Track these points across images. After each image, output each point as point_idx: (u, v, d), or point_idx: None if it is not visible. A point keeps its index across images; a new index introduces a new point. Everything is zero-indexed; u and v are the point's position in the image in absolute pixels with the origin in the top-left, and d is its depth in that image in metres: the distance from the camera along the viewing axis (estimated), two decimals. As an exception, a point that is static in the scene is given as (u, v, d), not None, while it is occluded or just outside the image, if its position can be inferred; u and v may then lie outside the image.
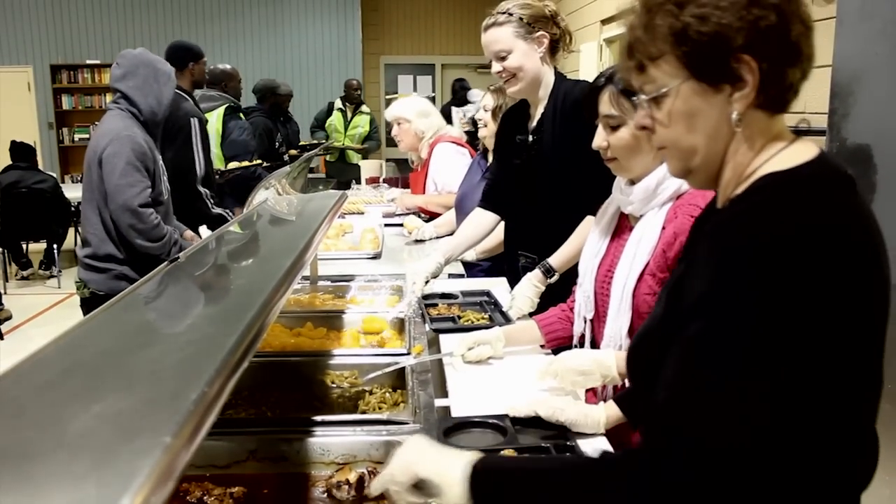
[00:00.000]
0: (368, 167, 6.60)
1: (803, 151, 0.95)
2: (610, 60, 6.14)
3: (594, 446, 1.40)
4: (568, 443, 1.41)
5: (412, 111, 3.87)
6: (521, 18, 2.21)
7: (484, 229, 2.56)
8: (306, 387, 1.88)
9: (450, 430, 1.48)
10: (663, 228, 1.59)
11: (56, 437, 0.72)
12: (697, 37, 0.90)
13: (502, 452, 1.36)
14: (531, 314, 2.14)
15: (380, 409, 1.76)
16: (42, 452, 0.69)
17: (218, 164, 4.56)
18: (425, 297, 2.38)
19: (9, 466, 0.66)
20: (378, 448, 1.52)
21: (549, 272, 2.20)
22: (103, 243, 2.89)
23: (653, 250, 1.58)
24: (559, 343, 1.93)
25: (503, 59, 2.24)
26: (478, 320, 2.16)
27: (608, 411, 1.45)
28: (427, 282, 2.40)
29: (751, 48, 0.89)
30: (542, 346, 1.96)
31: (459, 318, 2.19)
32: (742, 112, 0.92)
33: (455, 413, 1.60)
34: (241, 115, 5.08)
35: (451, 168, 3.64)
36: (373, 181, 5.85)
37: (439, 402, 1.68)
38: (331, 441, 1.53)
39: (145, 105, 2.94)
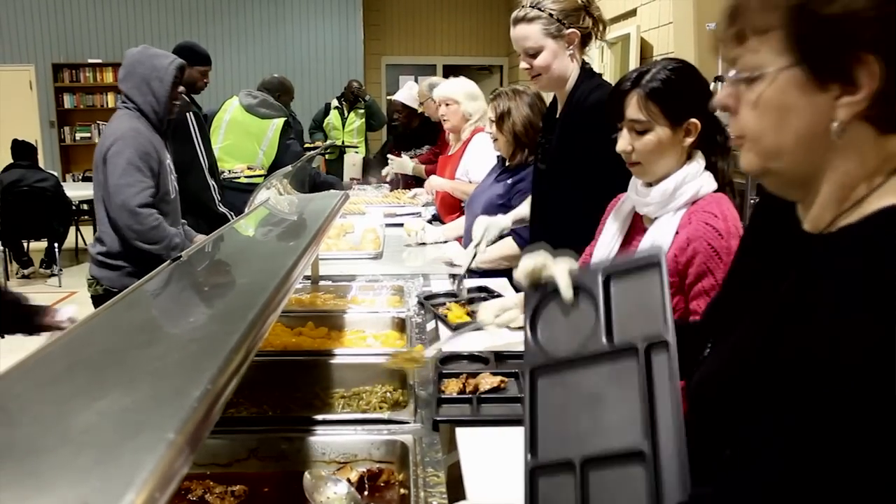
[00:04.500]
0: (351, 169, 6.44)
1: None
2: (611, 62, 6.14)
3: None
4: None
5: (462, 92, 3.81)
6: (551, 15, 2.12)
7: None
8: (307, 386, 1.89)
9: (444, 360, 1.82)
10: (677, 233, 1.58)
11: (60, 434, 0.72)
12: (817, 18, 0.75)
13: (480, 376, 1.69)
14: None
15: (381, 408, 1.77)
16: (46, 448, 0.69)
17: (223, 165, 4.55)
18: (428, 297, 2.38)
19: (13, 462, 0.67)
20: (379, 447, 1.52)
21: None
22: (115, 241, 2.92)
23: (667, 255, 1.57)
24: None
25: (532, 56, 2.17)
26: None
27: None
28: (492, 239, 2.53)
29: (878, 47, 0.74)
30: None
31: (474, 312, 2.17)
32: (846, 121, 0.76)
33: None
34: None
35: (486, 160, 3.48)
36: (354, 180, 5.86)
37: (440, 402, 1.69)
38: (332, 440, 1.54)
39: (144, 103, 2.96)
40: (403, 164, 5.03)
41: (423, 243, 3.40)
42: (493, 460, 1.38)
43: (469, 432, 1.48)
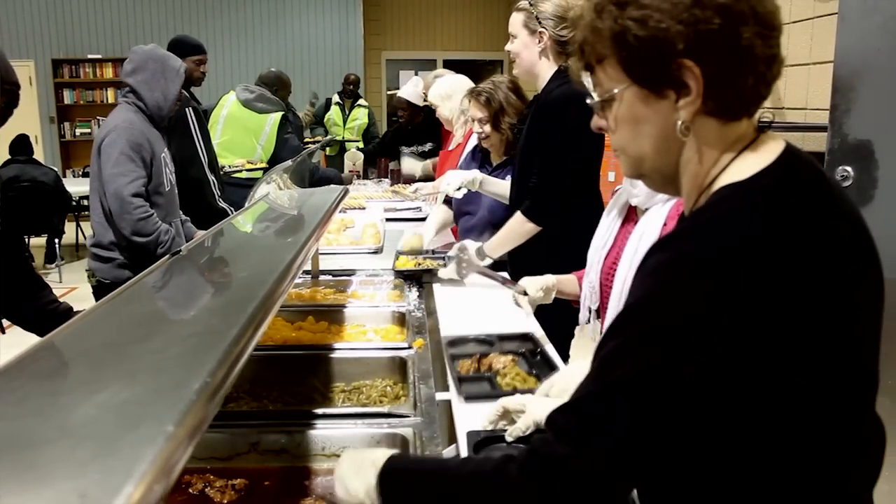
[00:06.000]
0: (351, 164, 6.43)
1: (763, 154, 0.88)
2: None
3: None
4: None
5: (437, 96, 3.95)
6: (531, 12, 2.32)
7: None
8: (307, 380, 1.89)
9: (452, 342, 1.91)
10: (665, 224, 1.58)
11: (60, 426, 0.72)
12: (636, 41, 0.86)
13: (492, 355, 1.79)
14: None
15: (381, 402, 1.77)
16: (46, 441, 0.69)
17: (222, 160, 4.54)
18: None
19: (13, 454, 0.67)
20: (379, 441, 1.52)
21: (480, 254, 2.47)
22: (107, 231, 2.95)
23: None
24: None
25: (513, 40, 2.40)
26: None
27: None
28: (460, 188, 2.77)
29: (693, 53, 0.84)
30: (573, 304, 2.02)
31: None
32: (688, 120, 0.87)
33: (456, 409, 1.61)
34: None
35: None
36: (353, 172, 5.83)
37: (440, 396, 1.69)
38: (332, 434, 1.54)
39: (151, 99, 2.98)
40: (414, 167, 5.05)
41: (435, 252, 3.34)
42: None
43: (468, 418, 1.48)
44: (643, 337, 0.82)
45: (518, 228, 2.40)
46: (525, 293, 2.04)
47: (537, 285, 2.03)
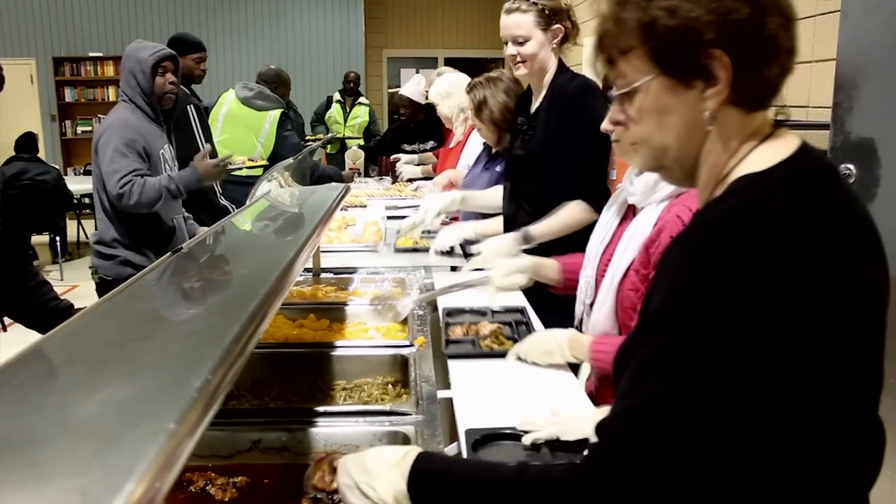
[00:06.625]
0: (352, 162, 6.44)
1: (780, 148, 0.90)
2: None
3: None
4: None
5: (437, 94, 3.97)
6: (542, 9, 2.31)
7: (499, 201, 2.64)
8: (309, 378, 1.89)
9: (450, 313, 2.11)
10: (656, 224, 1.58)
11: (60, 424, 0.72)
12: (665, 31, 0.87)
13: (480, 323, 2.00)
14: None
15: (382, 399, 1.77)
16: (47, 438, 0.69)
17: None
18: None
19: (14, 452, 0.67)
20: (381, 439, 1.52)
21: (527, 238, 2.25)
22: (108, 228, 2.98)
23: (641, 246, 1.58)
24: (573, 290, 1.89)
25: (520, 43, 2.34)
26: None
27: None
28: (439, 214, 2.66)
29: (722, 43, 0.85)
30: (551, 289, 1.98)
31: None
32: (715, 110, 0.88)
33: (458, 407, 1.60)
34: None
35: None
36: (354, 170, 5.84)
37: (442, 394, 1.69)
38: (333, 432, 1.54)
39: (133, 95, 3.02)
40: (413, 171, 5.05)
41: (430, 231, 3.25)
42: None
43: (469, 416, 1.48)
44: (685, 331, 0.81)
45: (577, 216, 2.24)
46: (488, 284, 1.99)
47: (506, 270, 1.96)
